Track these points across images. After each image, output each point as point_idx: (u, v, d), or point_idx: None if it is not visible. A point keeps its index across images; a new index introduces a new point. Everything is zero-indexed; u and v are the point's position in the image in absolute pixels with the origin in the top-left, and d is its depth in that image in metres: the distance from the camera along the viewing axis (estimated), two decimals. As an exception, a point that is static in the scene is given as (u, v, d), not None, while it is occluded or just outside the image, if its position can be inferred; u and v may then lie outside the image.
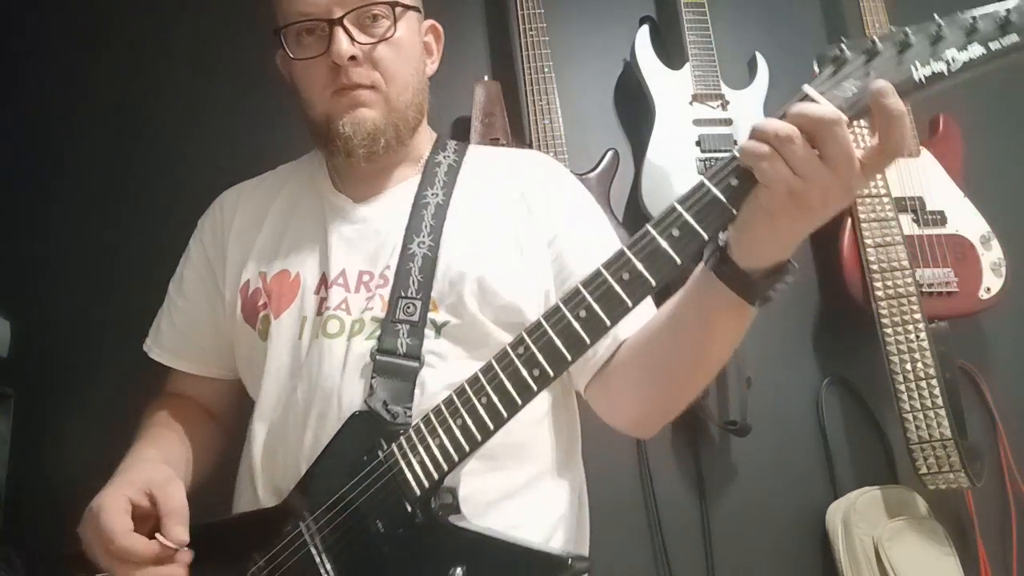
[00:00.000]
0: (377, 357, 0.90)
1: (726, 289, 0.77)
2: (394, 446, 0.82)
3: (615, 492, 1.71)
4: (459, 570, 0.78)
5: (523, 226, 0.99)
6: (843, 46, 0.72)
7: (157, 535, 0.81)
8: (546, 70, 1.74)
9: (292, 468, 0.92)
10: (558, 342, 0.75)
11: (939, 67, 0.69)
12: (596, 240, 1.00)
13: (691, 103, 1.79)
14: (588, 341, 0.75)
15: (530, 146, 1.73)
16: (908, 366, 1.64)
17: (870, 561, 1.59)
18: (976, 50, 0.68)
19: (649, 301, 0.93)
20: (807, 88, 0.73)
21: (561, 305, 0.76)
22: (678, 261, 0.72)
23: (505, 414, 0.77)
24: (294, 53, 0.97)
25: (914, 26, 0.71)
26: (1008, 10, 0.67)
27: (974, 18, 0.68)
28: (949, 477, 1.62)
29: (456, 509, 0.84)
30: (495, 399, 0.77)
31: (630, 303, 0.74)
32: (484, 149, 1.12)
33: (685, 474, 1.77)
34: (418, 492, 0.80)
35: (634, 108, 1.88)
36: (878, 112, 0.67)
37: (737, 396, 1.73)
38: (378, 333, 0.92)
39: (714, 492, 1.76)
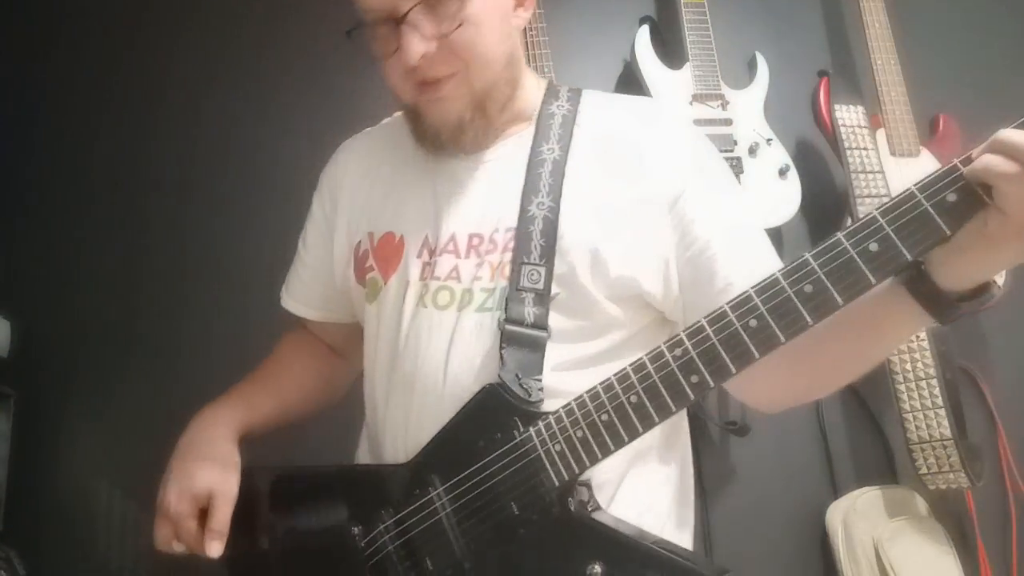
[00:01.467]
0: (506, 327, 0.85)
1: (916, 305, 0.69)
2: (532, 431, 0.80)
3: (615, 492, 1.71)
4: (598, 567, 0.76)
5: (642, 188, 0.91)
6: None
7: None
8: (546, 70, 1.74)
9: (413, 442, 0.89)
10: (721, 350, 0.70)
11: None
12: (723, 205, 0.93)
13: (691, 103, 1.79)
14: (757, 355, 0.70)
15: (530, 146, 1.73)
16: (908, 366, 1.64)
17: (870, 561, 1.59)
18: None
19: (773, 258, 0.90)
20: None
21: (729, 311, 0.71)
22: (872, 281, 0.65)
23: (656, 418, 0.74)
24: (372, 47, 0.91)
25: None
26: None
27: None
28: (949, 477, 1.62)
29: (594, 504, 0.81)
30: (645, 400, 0.74)
31: (810, 320, 0.67)
32: (600, 97, 1.03)
33: (685, 474, 1.77)
34: (556, 483, 0.78)
35: (634, 108, 1.88)
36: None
37: (737, 396, 1.73)
38: (489, 304, 0.88)
39: (714, 492, 1.76)
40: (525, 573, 0.81)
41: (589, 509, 0.80)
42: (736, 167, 1.72)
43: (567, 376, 0.85)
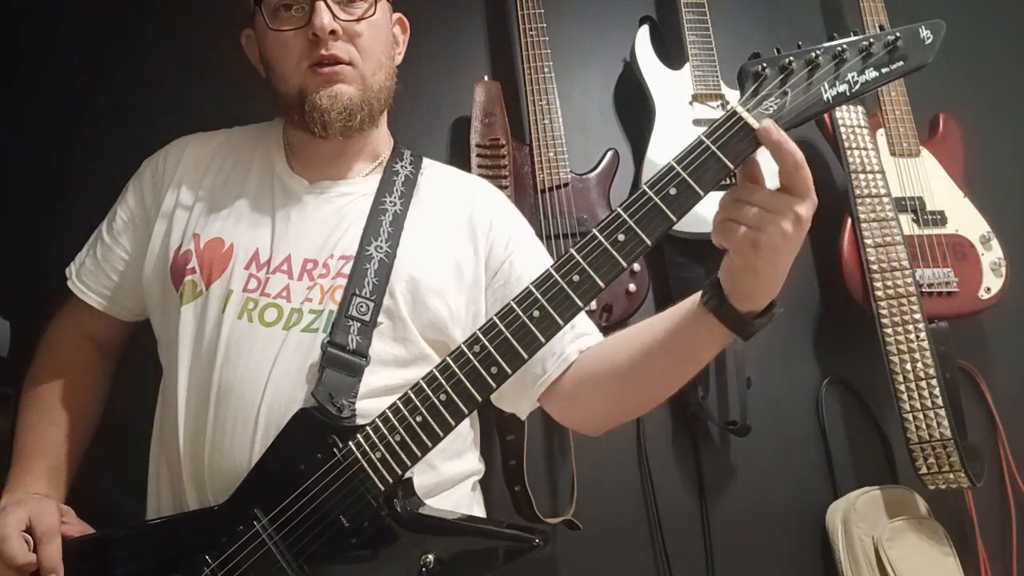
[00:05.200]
0: (328, 349, 0.91)
1: (723, 328, 0.83)
2: (351, 444, 0.84)
3: (615, 492, 1.71)
4: (430, 556, 0.81)
5: (465, 250, 1.04)
6: (763, 64, 0.79)
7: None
8: (546, 70, 1.74)
9: (218, 455, 0.91)
10: (514, 341, 0.81)
11: (842, 88, 0.78)
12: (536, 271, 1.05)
13: (691, 103, 1.79)
14: (543, 340, 0.81)
15: (530, 146, 1.73)
16: (908, 366, 1.64)
17: (870, 561, 1.59)
18: (871, 74, 0.78)
19: (587, 323, 1.04)
20: (739, 111, 0.78)
21: (515, 305, 0.81)
22: (624, 264, 0.79)
23: (465, 410, 0.82)
24: (272, 26, 0.98)
25: (822, 46, 0.79)
26: (897, 36, 0.78)
27: (869, 42, 0.78)
28: (949, 477, 1.62)
29: (419, 500, 0.87)
30: (454, 396, 0.82)
31: (580, 303, 0.80)
32: (437, 166, 1.15)
33: (685, 474, 1.76)
34: (382, 488, 0.83)
35: (634, 108, 1.88)
36: (770, 148, 0.75)
37: (737, 396, 1.73)
38: (316, 325, 0.93)
39: (714, 492, 1.76)
40: None
41: (415, 506, 0.86)
42: (736, 167, 1.71)
43: (378, 402, 0.89)
